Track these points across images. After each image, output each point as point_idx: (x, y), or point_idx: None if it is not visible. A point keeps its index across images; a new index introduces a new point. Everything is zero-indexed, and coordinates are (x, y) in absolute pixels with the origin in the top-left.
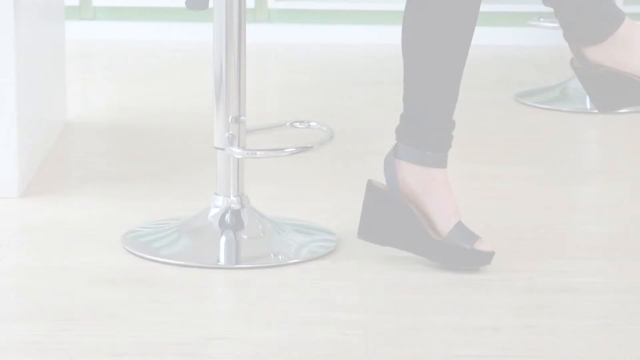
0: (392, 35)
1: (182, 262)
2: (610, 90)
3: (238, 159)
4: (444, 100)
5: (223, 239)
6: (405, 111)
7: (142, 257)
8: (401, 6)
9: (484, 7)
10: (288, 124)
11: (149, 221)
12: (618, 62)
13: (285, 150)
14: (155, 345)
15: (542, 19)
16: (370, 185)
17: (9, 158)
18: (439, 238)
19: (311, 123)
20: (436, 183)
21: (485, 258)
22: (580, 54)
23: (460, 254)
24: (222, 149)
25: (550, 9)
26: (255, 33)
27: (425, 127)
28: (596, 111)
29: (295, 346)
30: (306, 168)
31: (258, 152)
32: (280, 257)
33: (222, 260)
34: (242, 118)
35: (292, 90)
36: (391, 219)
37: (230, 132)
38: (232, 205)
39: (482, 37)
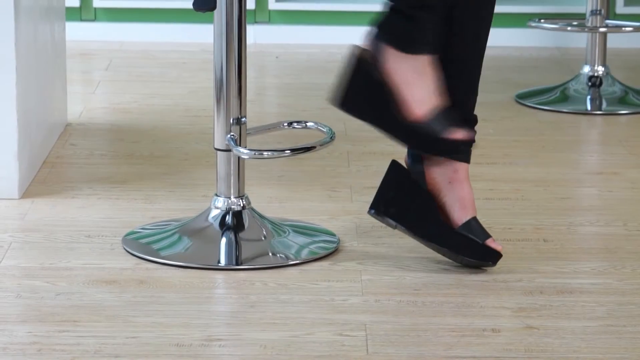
0: None
1: (183, 263)
2: (372, 100)
3: (238, 160)
4: (465, 95)
5: (223, 240)
6: None
7: (143, 258)
8: None
9: None
10: (285, 124)
11: (150, 222)
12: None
13: (291, 150)
14: (155, 346)
15: (542, 20)
16: (395, 164)
17: (10, 159)
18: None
19: (308, 123)
20: (458, 176)
21: (493, 256)
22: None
23: (470, 245)
24: (223, 150)
25: (550, 10)
26: (256, 34)
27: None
28: (596, 112)
29: (295, 347)
30: (306, 169)
31: (265, 153)
32: (280, 258)
33: (223, 262)
34: (243, 119)
35: (292, 91)
36: (410, 200)
37: (232, 134)
38: (232, 207)
39: None
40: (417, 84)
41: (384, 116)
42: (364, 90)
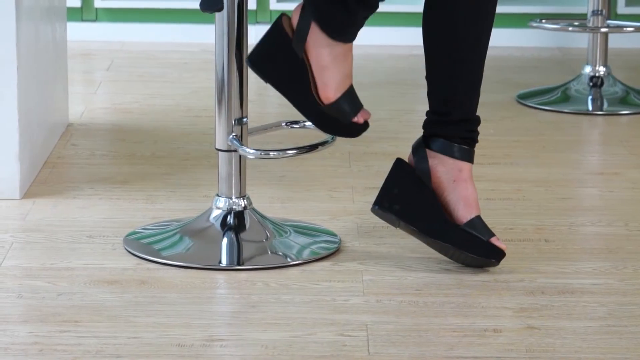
0: (393, 37)
1: (184, 264)
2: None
3: (239, 160)
4: (466, 96)
5: (225, 241)
6: (431, 106)
7: (144, 259)
8: (401, 8)
9: None
10: (284, 124)
11: (151, 222)
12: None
13: (296, 150)
14: (156, 346)
15: (543, 21)
16: (400, 162)
17: (11, 159)
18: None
19: (306, 123)
20: (463, 175)
21: (497, 254)
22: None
23: (474, 242)
24: (224, 151)
25: (551, 10)
26: (257, 34)
27: (453, 120)
28: (597, 113)
29: (297, 347)
30: (307, 169)
31: (271, 153)
32: (281, 258)
33: (224, 262)
34: (244, 119)
35: None
36: (414, 197)
37: (234, 134)
38: (233, 207)
39: None
40: (331, 69)
41: (291, 87)
42: (277, 56)
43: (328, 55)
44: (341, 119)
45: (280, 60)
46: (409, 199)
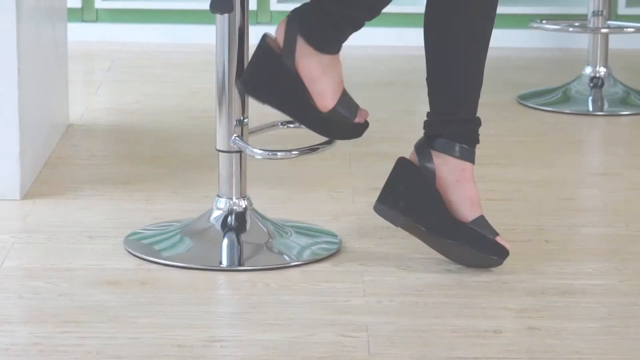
0: (393, 37)
1: (185, 264)
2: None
3: (240, 161)
4: (467, 97)
5: (225, 241)
6: (432, 107)
7: (145, 259)
8: (401, 8)
9: None
10: (280, 124)
11: (152, 223)
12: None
13: (302, 150)
14: (156, 347)
15: (544, 21)
16: (404, 160)
17: (11, 160)
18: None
19: None
20: (466, 175)
21: (502, 253)
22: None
23: (481, 239)
24: (225, 152)
25: (552, 11)
26: (258, 35)
27: (454, 120)
28: (598, 113)
29: (297, 348)
30: (307, 170)
31: (279, 153)
32: (282, 259)
33: (225, 262)
34: (245, 120)
35: None
36: (419, 194)
37: (236, 135)
38: (234, 208)
39: None
40: (323, 78)
41: (289, 102)
42: (269, 75)
43: (317, 66)
44: (343, 123)
45: (273, 78)
46: (414, 196)
